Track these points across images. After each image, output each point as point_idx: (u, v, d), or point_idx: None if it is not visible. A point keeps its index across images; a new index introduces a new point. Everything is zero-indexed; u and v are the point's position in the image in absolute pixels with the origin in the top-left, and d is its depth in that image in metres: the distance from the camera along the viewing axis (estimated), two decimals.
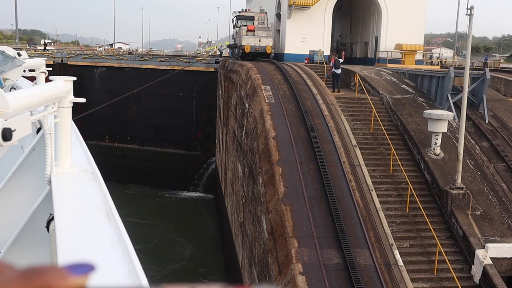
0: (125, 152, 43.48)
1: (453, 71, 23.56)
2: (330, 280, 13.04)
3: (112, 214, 3.27)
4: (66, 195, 3.86)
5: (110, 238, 2.92)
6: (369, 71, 29.22)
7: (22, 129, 2.44)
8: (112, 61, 44.36)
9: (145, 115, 42.42)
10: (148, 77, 40.30)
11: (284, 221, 14.79)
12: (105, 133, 43.50)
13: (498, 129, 22.16)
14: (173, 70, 41.32)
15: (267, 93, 21.72)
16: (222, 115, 34.98)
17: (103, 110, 37.25)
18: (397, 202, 17.96)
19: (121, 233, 2.95)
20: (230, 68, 32.14)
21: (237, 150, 24.89)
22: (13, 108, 2.77)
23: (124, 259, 2.60)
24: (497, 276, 14.77)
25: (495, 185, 18.66)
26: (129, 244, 2.76)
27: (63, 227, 3.14)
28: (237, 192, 24.09)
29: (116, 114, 42.39)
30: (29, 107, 3.31)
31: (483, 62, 52.23)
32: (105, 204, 3.48)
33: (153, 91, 39.87)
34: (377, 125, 21.48)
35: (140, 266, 2.50)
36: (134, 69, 43.04)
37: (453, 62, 50.50)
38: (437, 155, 19.67)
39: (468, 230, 16.35)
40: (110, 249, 2.78)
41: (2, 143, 2.24)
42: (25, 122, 2.50)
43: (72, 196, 3.92)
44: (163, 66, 42.36)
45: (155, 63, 43.14)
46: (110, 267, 2.51)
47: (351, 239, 14.28)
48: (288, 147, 18.03)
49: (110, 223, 3.16)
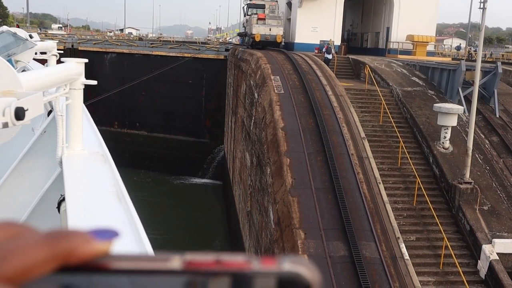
0: (134, 139, 43.66)
1: (464, 64, 23.38)
2: (336, 272, 13.10)
3: (123, 195, 3.30)
4: (77, 176, 3.88)
5: (121, 219, 2.95)
6: (380, 62, 29.06)
7: (35, 109, 2.45)
8: (122, 47, 44.39)
9: (155, 101, 42.49)
10: (158, 64, 40.34)
11: (291, 212, 14.84)
12: (114, 119, 43.65)
13: (509, 124, 22.02)
14: (183, 57, 41.31)
15: (276, 83, 21.68)
16: (231, 103, 35.00)
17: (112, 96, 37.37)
18: (404, 195, 17.95)
19: (132, 215, 2.98)
20: (240, 56, 32.09)
21: (246, 140, 24.93)
22: (26, 88, 2.79)
23: (134, 240, 2.63)
24: (503, 271, 14.77)
25: (504, 180, 18.59)
26: (140, 226, 2.79)
27: (74, 208, 3.17)
28: (245, 181, 24.17)
29: (125, 100, 42.48)
30: (41, 87, 3.33)
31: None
32: (115, 186, 3.51)
33: (162, 78, 39.90)
34: (386, 117, 21.41)
35: (151, 247, 2.53)
36: (144, 56, 43.06)
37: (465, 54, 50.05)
38: (446, 149, 19.61)
39: (475, 225, 16.33)
40: (121, 230, 2.79)
41: (15, 122, 2.26)
42: (37, 101, 2.51)
43: (83, 177, 3.94)
44: (173, 53, 42.35)
45: (165, 50, 43.13)
46: (120, 247, 2.52)
47: (358, 232, 14.32)
48: (297, 138, 18.03)
49: (121, 205, 3.19)
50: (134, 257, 0.52)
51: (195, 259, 0.52)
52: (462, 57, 45.24)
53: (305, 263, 0.52)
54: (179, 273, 0.51)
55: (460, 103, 22.17)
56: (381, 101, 22.08)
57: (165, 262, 0.52)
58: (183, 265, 0.51)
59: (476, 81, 18.43)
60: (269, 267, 0.50)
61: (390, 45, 42.53)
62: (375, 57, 34.18)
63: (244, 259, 0.51)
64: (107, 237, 0.54)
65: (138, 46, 44.53)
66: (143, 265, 0.52)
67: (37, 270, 0.49)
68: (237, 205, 27.19)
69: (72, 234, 0.53)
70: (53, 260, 0.50)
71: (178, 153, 42.02)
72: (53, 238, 0.51)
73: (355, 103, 22.18)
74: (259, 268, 0.50)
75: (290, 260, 0.52)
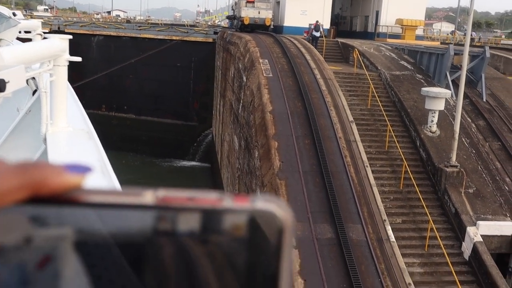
0: (122, 122, 43.44)
1: (452, 49, 23.46)
2: (323, 254, 13.23)
3: (107, 170, 3.29)
4: (62, 153, 3.85)
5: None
6: (369, 46, 29.06)
7: (16, 82, 2.42)
8: (109, 30, 43.96)
9: (143, 84, 42.25)
10: (146, 47, 40.04)
11: (279, 195, 14.92)
12: (102, 102, 43.35)
13: (495, 108, 22.20)
14: (171, 40, 41.03)
15: (265, 67, 21.64)
16: (219, 86, 34.88)
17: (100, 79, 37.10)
18: (391, 179, 18.10)
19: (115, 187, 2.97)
20: (228, 39, 31.92)
21: (234, 123, 24.92)
22: (8, 62, 2.76)
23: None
24: (486, 253, 15.00)
25: (489, 163, 18.79)
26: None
27: None
28: (233, 164, 24.22)
29: (113, 83, 42.19)
30: (23, 62, 3.30)
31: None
32: (100, 162, 3.50)
33: (150, 61, 39.64)
34: (374, 101, 21.48)
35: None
36: (131, 38, 42.69)
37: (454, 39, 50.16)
38: (433, 132, 19.74)
39: (461, 207, 16.53)
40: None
41: None
42: (19, 74, 2.48)
43: (67, 154, 3.91)
44: (161, 36, 42.03)
45: (153, 33, 42.79)
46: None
47: (345, 214, 14.45)
48: (285, 122, 18.06)
49: (105, 179, 3.18)
50: (105, 192, 0.52)
51: (168, 195, 0.52)
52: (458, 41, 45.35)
53: (277, 202, 0.52)
54: (151, 208, 0.51)
55: (448, 87, 22.28)
56: (370, 85, 22.13)
57: (137, 197, 0.52)
58: (155, 200, 0.52)
59: (464, 66, 18.51)
60: (241, 205, 0.51)
61: (379, 29, 42.46)
62: (364, 40, 34.15)
63: (216, 196, 0.52)
64: (80, 171, 0.53)
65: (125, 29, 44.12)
66: (114, 200, 0.51)
67: (6, 199, 0.48)
68: (225, 188, 27.26)
69: (44, 166, 0.51)
70: (23, 189, 0.49)
71: (166, 136, 41.92)
72: (25, 168, 0.50)
73: (343, 87, 22.21)
74: (231, 205, 0.51)
75: (263, 199, 0.52)
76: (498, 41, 55.81)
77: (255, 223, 0.49)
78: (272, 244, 0.49)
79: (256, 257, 0.49)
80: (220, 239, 0.50)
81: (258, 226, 0.49)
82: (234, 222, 0.50)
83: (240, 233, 0.50)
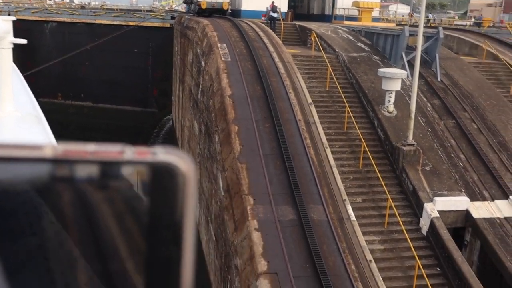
0: (79, 110, 42.60)
1: (407, 30, 23.83)
2: (285, 236, 13.38)
3: None
4: (9, 138, 3.75)
5: None
6: (326, 28, 29.24)
7: None
8: (63, 16, 42.83)
9: (99, 71, 41.45)
10: (101, 33, 39.20)
11: (240, 179, 14.97)
12: (57, 90, 42.38)
13: (449, 87, 22.74)
14: (128, 25, 40.32)
15: (223, 51, 21.53)
16: (178, 72, 34.54)
17: (54, 67, 36.18)
18: (350, 159, 18.38)
19: None
20: (186, 24, 31.57)
21: (194, 108, 24.77)
22: None
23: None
24: (443, 228, 15.46)
25: (445, 141, 19.29)
26: None
27: None
28: (194, 150, 24.12)
29: (68, 71, 41.25)
30: None
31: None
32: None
33: (107, 47, 38.86)
34: (332, 83, 21.69)
35: None
36: (86, 25, 41.74)
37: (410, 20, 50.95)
38: (390, 112, 20.10)
39: (418, 185, 16.95)
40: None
41: None
42: None
43: (15, 139, 3.81)
44: (117, 22, 41.24)
45: (109, 18, 41.93)
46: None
47: (306, 196, 14.62)
48: (244, 106, 18.06)
49: None
50: (4, 145, 0.51)
51: (68, 149, 0.52)
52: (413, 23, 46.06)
53: (178, 154, 0.53)
54: (50, 162, 0.51)
55: (404, 68, 22.68)
56: (328, 67, 22.31)
57: (36, 150, 0.51)
58: (55, 154, 0.52)
59: (419, 46, 18.84)
60: (142, 157, 0.51)
61: (336, 11, 42.73)
62: (321, 23, 34.33)
63: (118, 149, 0.52)
64: None
65: (80, 15, 43.06)
66: (13, 153, 0.51)
67: None
68: None
69: None
70: None
71: (125, 124, 41.32)
72: None
73: (302, 70, 22.32)
74: (132, 157, 0.51)
75: (164, 151, 0.53)
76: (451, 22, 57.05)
77: (157, 175, 0.50)
78: (174, 194, 0.50)
79: (158, 207, 0.50)
80: (121, 190, 0.50)
81: (159, 178, 0.50)
82: (135, 174, 0.51)
83: (141, 185, 0.50)
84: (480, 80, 24.00)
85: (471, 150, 18.94)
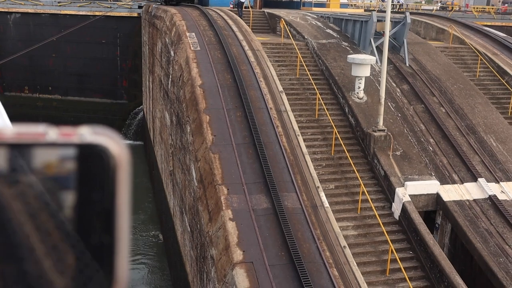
0: (47, 103, 41.78)
1: (375, 16, 23.98)
2: (260, 224, 13.43)
3: None
4: None
5: None
6: (295, 15, 29.21)
7: None
8: (26, 7, 41.76)
9: (67, 63, 40.66)
10: (67, 24, 38.41)
11: (213, 169, 14.93)
12: (24, 83, 41.45)
13: (418, 72, 23.01)
14: (94, 15, 39.55)
15: (192, 40, 21.33)
16: (147, 62, 34.13)
17: (20, 60, 35.39)
18: (322, 146, 18.49)
19: None
20: (154, 13, 31.16)
21: (164, 99, 24.54)
22: None
23: None
24: (414, 211, 15.72)
25: (414, 126, 19.56)
26: None
27: None
28: (166, 141, 23.94)
29: (35, 63, 40.37)
30: None
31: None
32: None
33: (74, 38, 38.11)
34: (302, 70, 21.73)
35: None
36: (51, 15, 40.81)
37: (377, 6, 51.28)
38: (360, 98, 20.26)
39: (389, 170, 17.17)
40: None
41: None
42: None
43: None
44: (83, 12, 40.43)
45: (74, 9, 41.07)
46: None
47: (279, 184, 14.68)
48: (215, 95, 17.97)
49: None
50: None
51: None
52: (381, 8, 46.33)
53: (109, 134, 0.48)
54: None
55: (373, 54, 22.84)
56: (297, 54, 22.33)
57: None
58: None
59: (387, 32, 18.98)
60: (67, 139, 0.47)
61: None
62: (290, 10, 34.28)
63: (41, 129, 0.48)
64: None
65: (44, 5, 42.04)
66: None
67: None
68: (160, 165, 26.97)
69: None
70: None
71: (95, 116, 40.70)
72: None
73: (272, 57, 22.30)
74: (56, 139, 0.47)
75: (92, 131, 0.48)
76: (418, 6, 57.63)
77: (84, 158, 0.46)
78: (105, 179, 0.46)
79: (87, 193, 0.46)
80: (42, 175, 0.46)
81: (87, 161, 0.46)
82: (58, 157, 0.46)
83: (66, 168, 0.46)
84: (447, 64, 24.35)
85: (440, 134, 19.25)
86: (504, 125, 20.45)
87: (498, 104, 23.11)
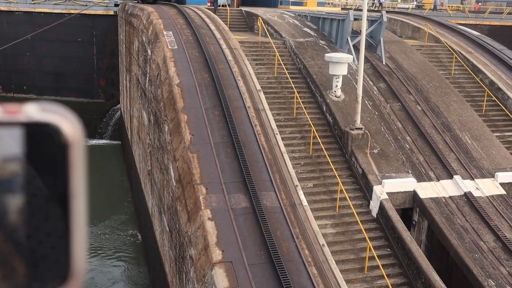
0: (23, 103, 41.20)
1: (352, 14, 24.12)
2: (239, 224, 13.41)
3: None
4: None
5: None
6: (272, 14, 29.24)
7: None
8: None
9: (42, 62, 40.09)
10: (42, 22, 37.88)
11: (192, 168, 14.87)
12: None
13: (394, 70, 23.23)
14: (70, 14, 39.07)
15: (169, 39, 21.20)
16: (124, 61, 33.83)
17: None
18: (301, 145, 18.56)
19: None
20: (130, 12, 30.89)
21: (142, 98, 24.36)
22: None
23: None
24: (392, 209, 15.87)
25: (391, 124, 19.74)
26: None
27: None
28: (144, 140, 23.77)
29: (8, 62, 39.75)
30: None
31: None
32: None
33: (49, 37, 37.62)
34: (280, 69, 21.77)
35: None
36: (25, 13, 40.18)
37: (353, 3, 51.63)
38: (338, 97, 20.37)
39: (367, 168, 17.30)
40: None
41: None
42: None
43: None
44: (58, 10, 39.89)
45: (49, 6, 40.48)
46: None
47: (258, 183, 14.67)
48: (193, 94, 17.89)
49: None
50: None
51: None
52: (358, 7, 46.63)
53: (60, 111, 0.44)
54: None
55: (350, 52, 22.99)
56: (275, 53, 22.36)
57: None
58: None
59: (363, 30, 19.11)
60: (13, 117, 0.43)
61: None
62: (267, 8, 34.31)
63: None
64: None
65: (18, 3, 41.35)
66: None
67: None
68: (138, 164, 26.77)
69: None
70: None
71: None
72: None
73: (249, 56, 22.29)
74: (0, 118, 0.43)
75: (41, 108, 0.44)
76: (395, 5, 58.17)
77: (32, 138, 0.41)
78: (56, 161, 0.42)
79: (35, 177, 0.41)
80: None
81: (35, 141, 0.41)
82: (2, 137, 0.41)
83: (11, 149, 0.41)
84: (423, 63, 24.64)
85: (417, 132, 19.47)
86: (478, 123, 20.78)
87: (473, 102, 23.47)
